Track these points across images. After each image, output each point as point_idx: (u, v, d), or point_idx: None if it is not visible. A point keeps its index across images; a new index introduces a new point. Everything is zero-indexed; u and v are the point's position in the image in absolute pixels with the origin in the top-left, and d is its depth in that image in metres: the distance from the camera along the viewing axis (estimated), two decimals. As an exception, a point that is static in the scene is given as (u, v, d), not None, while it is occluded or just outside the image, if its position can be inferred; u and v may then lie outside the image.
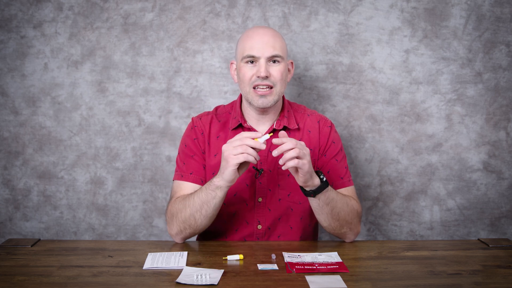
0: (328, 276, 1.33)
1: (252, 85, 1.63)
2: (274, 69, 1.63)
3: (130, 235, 2.22)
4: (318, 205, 1.56)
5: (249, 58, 1.63)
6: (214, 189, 1.52)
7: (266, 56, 1.61)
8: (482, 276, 1.35)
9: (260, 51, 1.62)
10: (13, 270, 1.38)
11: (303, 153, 1.44)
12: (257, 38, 1.64)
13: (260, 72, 1.61)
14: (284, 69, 1.65)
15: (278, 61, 1.64)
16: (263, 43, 1.62)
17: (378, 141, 2.19)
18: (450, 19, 2.14)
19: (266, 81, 1.62)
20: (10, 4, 2.11)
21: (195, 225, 1.58)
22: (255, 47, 1.62)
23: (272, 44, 1.63)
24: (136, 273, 1.35)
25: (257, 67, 1.62)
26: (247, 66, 1.64)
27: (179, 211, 1.59)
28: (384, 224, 2.23)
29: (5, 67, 2.14)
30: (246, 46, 1.64)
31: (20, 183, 2.19)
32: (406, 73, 2.16)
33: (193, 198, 1.56)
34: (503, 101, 2.17)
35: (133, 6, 2.12)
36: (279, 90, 1.64)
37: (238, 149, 1.45)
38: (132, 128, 2.17)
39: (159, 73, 2.15)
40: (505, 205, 2.22)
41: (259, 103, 1.63)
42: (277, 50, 1.63)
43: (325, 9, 2.13)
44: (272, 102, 1.64)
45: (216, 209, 1.57)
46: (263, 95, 1.63)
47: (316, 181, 1.51)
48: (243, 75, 1.65)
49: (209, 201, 1.54)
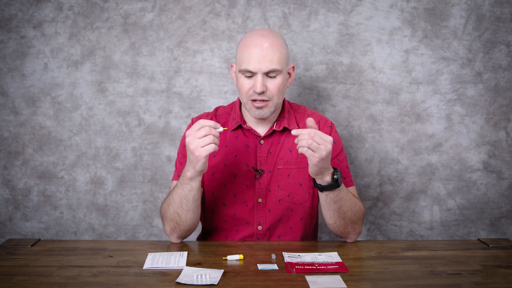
0: (328, 276, 1.33)
1: (249, 98, 1.62)
2: (271, 83, 1.59)
3: (130, 235, 2.22)
4: (325, 201, 1.57)
5: (246, 72, 1.60)
6: (188, 182, 1.52)
7: (263, 72, 1.58)
8: (482, 276, 1.35)
9: (256, 67, 1.57)
10: (13, 270, 1.38)
11: (315, 146, 1.43)
12: (255, 51, 1.57)
13: (256, 88, 1.58)
14: (281, 81, 1.61)
15: (275, 76, 1.60)
16: (260, 57, 1.57)
17: (378, 141, 2.19)
18: (450, 19, 2.14)
19: (263, 95, 1.59)
20: (10, 4, 2.11)
21: (181, 221, 1.58)
22: (252, 61, 1.57)
23: (270, 58, 1.57)
24: (136, 273, 1.35)
25: (253, 81, 1.59)
26: (244, 78, 1.61)
27: (165, 211, 1.61)
28: (384, 224, 2.23)
29: (5, 67, 2.14)
30: (243, 58, 1.60)
31: (20, 183, 2.19)
32: (406, 73, 2.16)
33: (172, 196, 1.57)
34: (503, 101, 2.17)
35: (133, 6, 2.12)
36: (276, 102, 1.63)
37: (205, 140, 1.44)
38: (132, 128, 2.17)
39: (159, 73, 2.15)
40: (505, 205, 2.22)
41: (256, 114, 1.63)
42: (274, 64, 1.57)
43: (325, 9, 2.13)
44: (269, 113, 1.63)
45: (196, 201, 1.56)
46: (260, 107, 1.62)
47: (327, 178, 1.51)
48: (241, 87, 1.63)
49: (186, 195, 1.54)
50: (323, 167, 1.48)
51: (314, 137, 1.43)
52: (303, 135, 1.44)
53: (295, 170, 1.69)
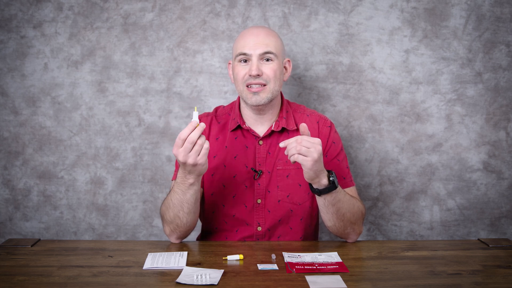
0: (328, 276, 1.33)
1: (245, 84, 1.64)
2: (266, 67, 1.63)
3: (130, 235, 2.22)
4: (324, 204, 1.56)
5: (242, 56, 1.63)
6: (190, 187, 1.52)
7: (258, 54, 1.62)
8: (482, 276, 1.35)
9: (251, 49, 1.63)
10: (13, 270, 1.38)
11: (305, 150, 1.43)
12: (250, 37, 1.65)
13: (251, 71, 1.61)
14: (277, 66, 1.65)
15: (271, 59, 1.63)
16: (256, 41, 1.63)
17: (378, 141, 2.19)
18: (450, 19, 2.14)
19: (259, 79, 1.62)
20: (10, 4, 2.11)
21: (181, 223, 1.58)
22: (247, 45, 1.64)
23: (265, 42, 1.63)
24: (136, 273, 1.35)
25: (249, 66, 1.63)
26: (240, 65, 1.65)
27: (165, 213, 1.60)
28: (384, 224, 2.23)
29: (5, 67, 2.14)
30: (239, 45, 1.66)
31: (20, 183, 2.19)
32: (406, 73, 2.16)
33: (171, 200, 1.56)
34: (503, 101, 2.17)
35: (133, 6, 2.12)
36: (273, 87, 1.64)
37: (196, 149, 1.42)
38: (132, 128, 2.17)
39: (159, 73, 2.15)
40: (505, 205, 2.22)
41: (252, 100, 1.64)
42: (269, 47, 1.63)
43: (325, 9, 2.13)
44: (266, 99, 1.64)
45: (197, 202, 1.56)
46: (256, 92, 1.63)
47: (323, 181, 1.50)
48: (237, 74, 1.66)
49: (188, 199, 1.54)
50: (318, 170, 1.47)
51: (302, 142, 1.43)
52: (291, 144, 1.45)
53: (294, 171, 1.69)
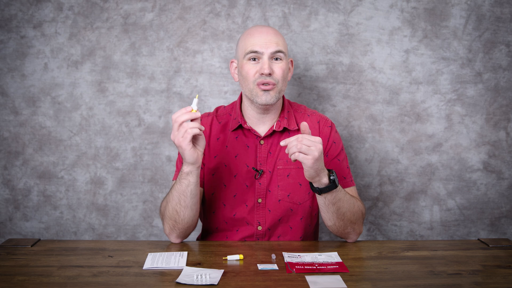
0: (328, 276, 1.33)
1: (255, 82, 1.63)
2: (276, 66, 1.64)
3: (130, 235, 2.22)
4: (324, 204, 1.56)
5: (252, 54, 1.63)
6: (185, 176, 1.53)
7: (270, 52, 1.62)
8: (482, 276, 1.35)
9: (263, 47, 1.63)
10: (13, 270, 1.38)
11: (306, 148, 1.43)
12: (260, 36, 1.65)
13: (263, 69, 1.61)
14: (286, 66, 1.66)
15: (280, 58, 1.64)
16: (266, 39, 1.64)
17: (378, 141, 2.19)
18: (450, 19, 2.14)
19: (269, 78, 1.62)
20: (10, 4, 2.11)
21: (179, 218, 1.57)
22: (258, 43, 1.63)
23: (275, 41, 1.64)
24: (136, 273, 1.35)
25: (260, 64, 1.63)
26: (250, 63, 1.65)
27: (165, 210, 1.61)
28: (384, 224, 2.23)
29: (5, 67, 2.14)
30: (248, 43, 1.65)
31: (20, 183, 2.19)
32: (406, 73, 2.16)
33: (171, 193, 1.58)
34: (503, 101, 2.17)
35: (133, 6, 2.12)
36: (281, 87, 1.65)
37: (181, 130, 1.47)
38: (132, 128, 2.17)
39: (159, 73, 2.15)
40: (505, 205, 2.22)
41: (263, 99, 1.63)
42: (279, 46, 1.64)
43: (325, 9, 2.13)
44: (275, 98, 1.64)
45: (194, 197, 1.56)
46: (267, 90, 1.63)
47: (324, 179, 1.50)
48: (246, 73, 1.65)
49: (184, 190, 1.54)
50: (319, 168, 1.47)
51: (302, 140, 1.44)
52: (291, 142, 1.45)
53: (294, 170, 1.69)
